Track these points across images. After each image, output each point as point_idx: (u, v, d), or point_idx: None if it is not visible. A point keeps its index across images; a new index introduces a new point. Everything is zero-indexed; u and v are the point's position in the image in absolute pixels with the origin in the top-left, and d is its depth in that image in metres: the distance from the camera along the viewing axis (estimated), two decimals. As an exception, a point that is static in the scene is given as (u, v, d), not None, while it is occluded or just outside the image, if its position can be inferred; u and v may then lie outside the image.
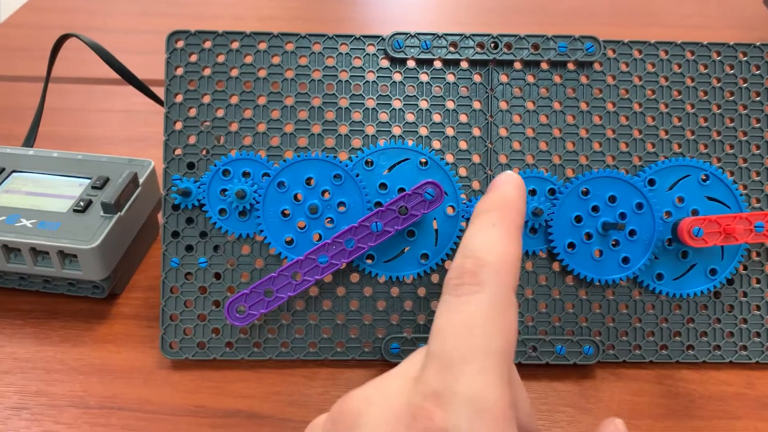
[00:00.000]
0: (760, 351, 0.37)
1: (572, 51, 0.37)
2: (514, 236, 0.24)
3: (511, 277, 0.22)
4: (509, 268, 0.22)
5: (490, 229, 0.23)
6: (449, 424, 0.19)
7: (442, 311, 0.21)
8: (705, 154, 0.37)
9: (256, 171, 0.36)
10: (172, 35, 0.36)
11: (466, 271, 0.22)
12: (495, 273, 0.22)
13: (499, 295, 0.21)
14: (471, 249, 0.23)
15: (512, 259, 0.23)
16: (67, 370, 0.36)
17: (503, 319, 0.21)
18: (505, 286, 0.22)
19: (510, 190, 0.25)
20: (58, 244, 0.37)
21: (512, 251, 0.23)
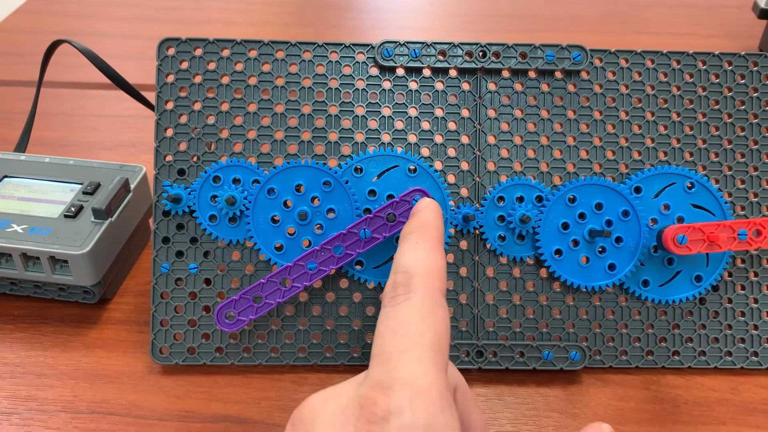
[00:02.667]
0: (745, 357, 0.38)
1: (559, 60, 0.37)
2: (435, 250, 0.27)
3: (438, 283, 0.25)
4: (435, 275, 0.25)
5: (415, 247, 0.27)
6: (392, 406, 0.20)
7: (381, 320, 0.24)
8: (690, 162, 0.38)
9: (246, 177, 0.36)
10: (163, 42, 0.37)
11: (398, 284, 0.25)
12: (422, 280, 0.25)
13: (428, 298, 0.24)
14: (401, 266, 0.26)
15: (437, 268, 0.26)
16: (57, 375, 0.36)
17: (433, 317, 0.24)
18: (432, 290, 0.25)
19: (427, 214, 0.29)
20: (49, 249, 0.37)
21: (436, 261, 0.26)
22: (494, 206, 0.37)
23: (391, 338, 0.23)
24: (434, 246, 0.27)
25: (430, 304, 0.24)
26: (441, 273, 0.26)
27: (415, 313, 0.23)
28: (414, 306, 0.24)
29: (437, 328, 0.23)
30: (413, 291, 0.24)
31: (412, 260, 0.26)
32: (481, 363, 0.37)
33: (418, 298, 0.24)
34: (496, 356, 0.37)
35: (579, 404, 0.36)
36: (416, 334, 0.23)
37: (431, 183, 0.37)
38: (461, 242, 0.37)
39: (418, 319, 0.23)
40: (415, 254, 0.26)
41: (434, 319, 0.23)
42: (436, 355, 0.22)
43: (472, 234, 0.37)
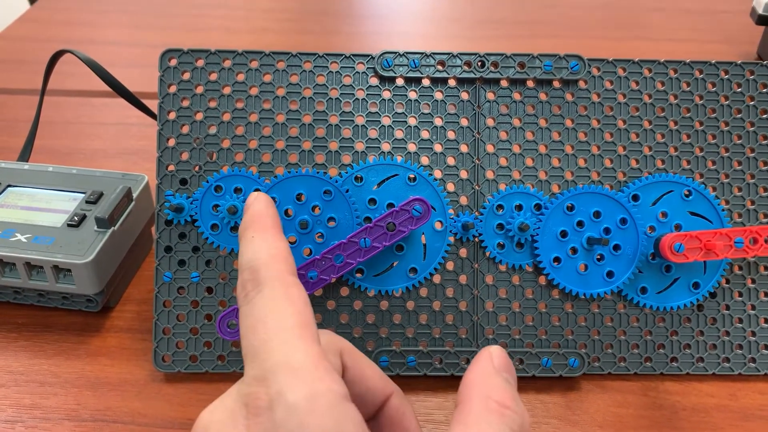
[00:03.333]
0: (743, 363, 0.38)
1: (557, 69, 0.38)
2: (273, 236, 0.26)
3: (283, 265, 0.25)
4: (278, 259, 0.25)
5: (252, 242, 0.26)
6: (272, 392, 0.20)
7: (241, 321, 0.24)
8: (688, 169, 0.38)
9: (247, 187, 0.37)
10: (165, 53, 0.37)
11: (246, 281, 0.24)
12: (267, 269, 0.24)
13: (278, 282, 0.24)
14: (243, 263, 0.25)
15: (278, 252, 0.25)
16: (60, 383, 0.37)
17: (287, 299, 0.23)
18: (279, 273, 0.24)
19: (257, 206, 0.28)
20: (52, 258, 0.37)
21: (276, 246, 0.26)
22: (493, 214, 0.37)
23: (253, 334, 0.22)
24: (271, 233, 0.27)
25: (282, 286, 0.24)
26: (284, 255, 0.25)
27: (270, 304, 0.23)
28: (266, 296, 0.23)
29: (295, 307, 0.23)
30: (261, 282, 0.24)
31: (253, 254, 0.25)
32: (480, 370, 0.37)
33: (268, 288, 0.24)
34: (495, 363, 0.37)
35: (578, 411, 0.36)
36: (277, 323, 0.22)
37: (431, 191, 0.37)
38: (461, 250, 0.37)
39: (274, 308, 0.23)
40: (253, 248, 0.26)
41: (289, 301, 0.23)
42: (301, 331, 0.22)
43: (472, 242, 0.37)
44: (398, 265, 0.37)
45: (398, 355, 0.37)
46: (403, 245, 0.37)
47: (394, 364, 0.37)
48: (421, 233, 0.37)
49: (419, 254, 0.37)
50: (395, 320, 0.37)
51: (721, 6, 0.83)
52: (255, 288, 0.24)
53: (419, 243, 0.37)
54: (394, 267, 0.37)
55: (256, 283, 0.24)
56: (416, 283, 0.37)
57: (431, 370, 0.37)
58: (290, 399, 0.20)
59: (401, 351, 0.37)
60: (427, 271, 0.37)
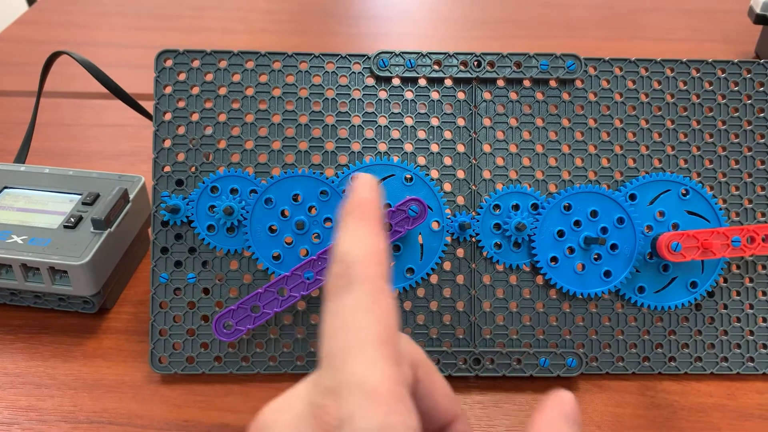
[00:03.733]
0: (741, 362, 0.38)
1: (554, 69, 0.37)
2: (373, 230, 0.25)
3: (379, 267, 0.24)
4: (374, 259, 0.24)
5: (351, 231, 0.25)
6: (343, 413, 0.20)
7: (324, 318, 0.23)
8: (685, 169, 0.38)
9: (243, 188, 0.37)
10: (161, 54, 0.37)
11: (337, 275, 0.23)
12: (362, 267, 0.23)
13: (369, 287, 0.23)
14: (338, 254, 0.24)
15: (376, 251, 0.24)
16: (57, 385, 0.36)
17: (377, 306, 0.22)
18: (373, 277, 0.23)
19: (362, 192, 0.26)
20: (49, 260, 0.37)
21: (374, 243, 0.24)
22: (490, 214, 0.37)
23: (335, 338, 0.22)
24: (372, 227, 0.25)
25: (373, 292, 0.23)
26: (381, 255, 0.24)
27: (359, 306, 0.22)
28: (356, 298, 0.23)
29: (383, 319, 0.22)
30: (353, 281, 0.23)
31: (350, 245, 0.24)
32: (478, 370, 0.37)
33: (358, 289, 0.23)
34: (493, 363, 0.37)
35: (576, 411, 0.36)
36: (362, 330, 0.22)
37: (427, 191, 0.37)
38: (458, 250, 0.37)
39: (362, 312, 0.22)
40: (351, 239, 0.24)
41: (378, 310, 0.22)
42: (384, 348, 0.21)
43: (469, 242, 0.37)
44: (395, 266, 0.37)
45: (395, 356, 0.37)
46: (400, 245, 0.37)
47: (392, 365, 0.37)
48: (418, 233, 0.37)
49: (416, 254, 0.37)
50: (392, 321, 0.37)
51: (719, 5, 0.83)
52: (346, 286, 0.23)
53: (416, 243, 0.37)
54: (391, 267, 0.37)
55: (348, 281, 0.23)
56: (413, 284, 0.37)
57: (428, 371, 0.37)
58: (361, 427, 0.19)
59: (398, 351, 0.37)
60: (424, 272, 0.37)
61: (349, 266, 0.23)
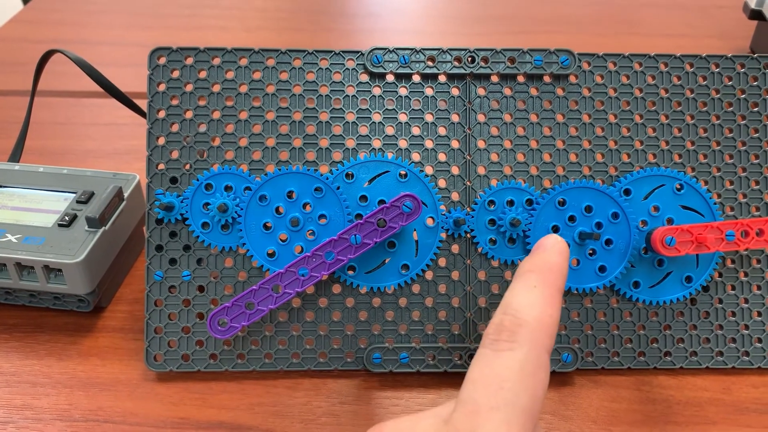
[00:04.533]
0: (736, 356, 0.38)
1: (548, 64, 0.37)
2: (554, 299, 0.25)
3: (547, 339, 0.23)
4: (546, 330, 0.23)
5: (531, 290, 0.25)
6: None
7: (476, 363, 0.23)
8: (679, 163, 0.38)
9: (238, 185, 0.37)
10: (154, 52, 0.37)
11: (504, 328, 0.23)
12: (531, 332, 0.23)
13: (533, 355, 0.23)
14: (512, 307, 0.24)
15: (550, 321, 0.24)
16: (52, 384, 0.36)
17: (533, 377, 0.22)
18: (540, 347, 0.23)
19: (554, 255, 0.26)
20: (43, 258, 0.37)
21: (551, 313, 0.24)
22: (485, 210, 0.37)
23: (484, 389, 0.21)
24: (554, 294, 0.25)
25: (534, 362, 0.22)
26: (554, 328, 0.24)
27: (516, 369, 0.22)
28: (516, 360, 0.22)
29: (535, 391, 0.22)
30: (519, 342, 0.23)
31: (525, 305, 0.24)
32: (473, 366, 0.37)
33: (522, 352, 0.22)
34: (488, 359, 0.37)
35: (571, 406, 0.36)
36: (511, 392, 0.21)
37: (422, 187, 0.37)
38: (453, 246, 0.37)
39: (518, 377, 0.22)
40: (529, 298, 0.24)
41: (534, 381, 0.22)
42: (526, 421, 0.21)
43: (464, 238, 0.37)
44: (390, 262, 0.37)
45: (391, 352, 0.37)
46: (395, 242, 0.37)
47: (387, 361, 0.37)
48: (413, 230, 0.37)
49: (411, 251, 0.37)
50: (388, 317, 0.37)
51: (714, 1, 0.83)
52: (510, 341, 0.22)
53: (411, 239, 0.37)
54: (386, 264, 0.37)
55: (513, 338, 0.23)
56: (408, 280, 0.37)
57: (424, 367, 0.37)
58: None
59: (394, 348, 0.37)
60: (419, 268, 0.37)
61: (519, 324, 0.23)
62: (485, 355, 0.23)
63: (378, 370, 0.37)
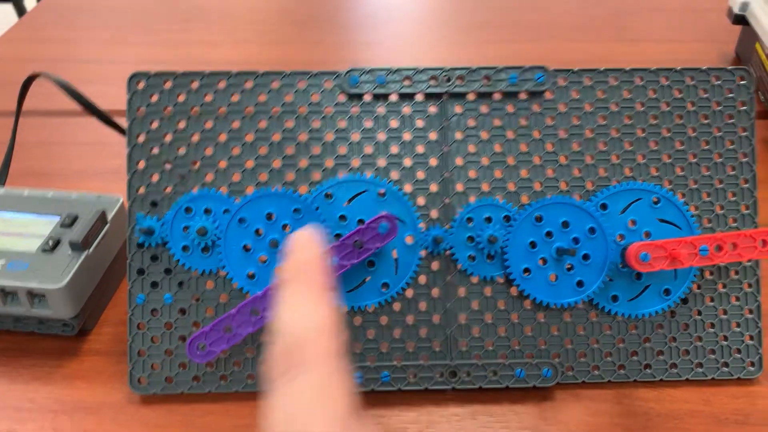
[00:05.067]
0: (716, 368, 0.38)
1: (523, 81, 0.38)
2: (321, 297, 0.23)
3: (333, 342, 0.22)
4: (329, 334, 0.22)
5: (297, 303, 0.23)
6: None
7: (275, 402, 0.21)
8: (656, 177, 0.38)
9: (217, 207, 0.37)
10: (133, 77, 0.37)
11: (286, 355, 0.22)
12: (315, 345, 0.22)
13: (326, 369, 0.22)
14: (284, 328, 0.23)
15: (329, 323, 0.23)
16: (37, 409, 0.37)
17: (332, 388, 0.21)
18: (329, 355, 0.22)
19: (303, 252, 0.25)
20: (26, 285, 0.37)
21: (326, 314, 0.23)
22: (463, 227, 0.37)
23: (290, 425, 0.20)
24: (319, 293, 0.24)
25: (330, 375, 0.21)
26: (334, 327, 0.23)
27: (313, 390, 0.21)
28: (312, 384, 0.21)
29: (340, 399, 0.21)
30: (306, 362, 0.21)
31: (297, 320, 0.23)
32: (455, 383, 0.37)
33: (314, 373, 0.21)
34: (469, 376, 0.37)
35: (552, 420, 0.36)
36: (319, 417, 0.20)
37: (401, 206, 0.37)
38: (432, 263, 0.38)
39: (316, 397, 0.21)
40: (299, 312, 0.23)
41: (335, 390, 0.21)
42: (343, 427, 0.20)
43: (443, 255, 0.38)
44: (370, 281, 0.37)
45: (372, 371, 0.37)
46: (374, 261, 0.37)
47: (369, 380, 0.37)
48: (393, 248, 0.37)
49: (391, 269, 0.37)
50: (369, 336, 0.37)
51: (700, 5, 0.83)
52: (298, 368, 0.21)
53: (390, 258, 0.37)
54: (366, 282, 0.37)
55: (300, 362, 0.21)
56: (389, 298, 0.37)
57: (405, 385, 0.37)
58: None
59: (375, 366, 0.37)
60: (399, 286, 0.37)
61: (299, 344, 0.22)
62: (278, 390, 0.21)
63: (360, 389, 0.37)
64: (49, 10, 0.83)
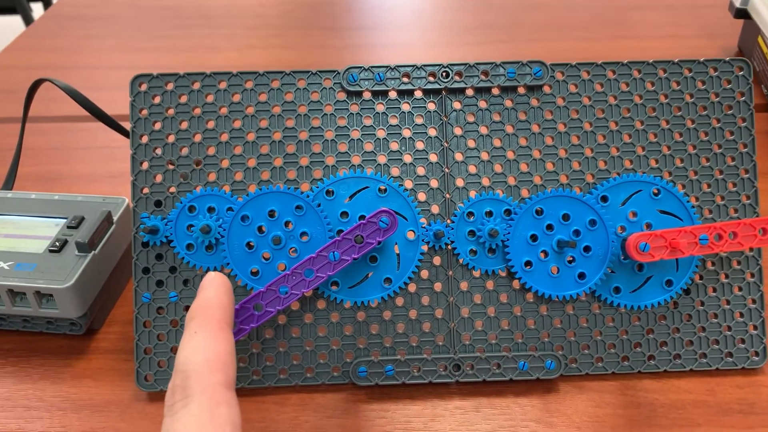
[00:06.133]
0: (720, 358, 0.38)
1: (521, 76, 0.38)
2: (218, 334, 0.24)
3: (219, 376, 0.23)
4: (216, 367, 0.23)
5: (193, 338, 0.24)
6: None
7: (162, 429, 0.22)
8: (656, 168, 0.38)
9: (220, 206, 0.37)
10: (136, 79, 0.38)
11: (176, 388, 0.23)
12: (200, 378, 0.23)
13: (206, 399, 0.22)
14: (178, 364, 0.23)
15: (218, 357, 0.24)
16: (46, 407, 0.37)
17: (215, 419, 0.22)
18: (212, 386, 0.23)
19: (209, 292, 0.26)
20: (34, 285, 0.38)
21: (216, 349, 0.24)
22: (464, 221, 0.38)
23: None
24: (216, 330, 0.25)
25: (210, 404, 0.22)
26: (222, 362, 0.24)
27: (193, 422, 0.21)
28: (192, 414, 0.22)
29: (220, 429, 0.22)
30: (191, 395, 0.22)
31: (189, 355, 0.23)
32: (458, 376, 0.37)
33: (196, 403, 0.22)
34: (473, 369, 0.37)
35: (556, 413, 0.36)
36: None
37: (401, 202, 0.38)
38: (434, 258, 0.38)
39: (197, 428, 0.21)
40: (192, 347, 0.24)
41: (215, 422, 0.22)
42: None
43: (445, 250, 0.38)
44: (373, 276, 0.37)
45: (376, 365, 0.37)
46: (376, 256, 0.37)
47: (373, 374, 0.37)
48: (394, 243, 0.37)
49: (393, 264, 0.37)
50: (372, 331, 0.38)
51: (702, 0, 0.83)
52: (182, 400, 0.22)
53: (393, 253, 0.37)
54: (369, 278, 0.37)
55: (185, 395, 0.22)
56: (391, 293, 0.37)
57: (409, 379, 0.37)
58: None
59: (379, 361, 0.37)
60: (401, 281, 0.37)
61: (187, 378, 0.23)
62: (166, 424, 0.22)
63: (364, 383, 0.37)
64: (54, 19, 0.84)
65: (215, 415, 0.22)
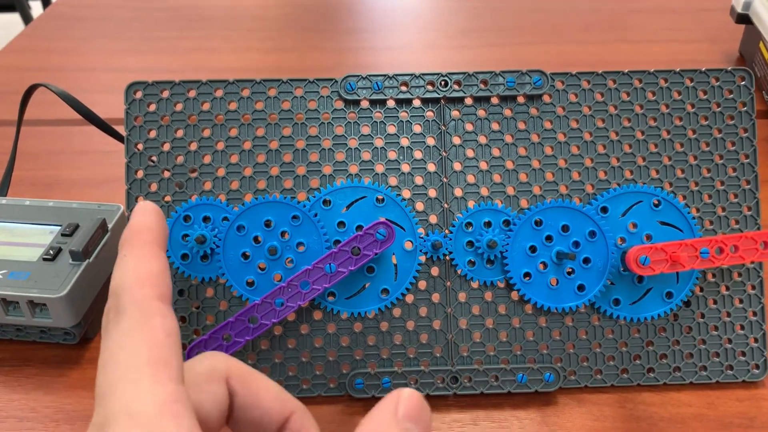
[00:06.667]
0: (720, 371, 0.38)
1: (520, 85, 0.38)
2: (147, 254, 0.24)
3: (149, 289, 0.22)
4: (144, 283, 0.22)
5: (123, 260, 0.24)
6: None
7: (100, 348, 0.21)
8: (657, 179, 0.38)
9: (216, 215, 0.37)
10: (131, 86, 0.37)
11: (109, 310, 0.22)
12: (131, 294, 0.22)
13: (138, 312, 0.22)
14: (110, 289, 0.23)
15: (146, 274, 0.23)
16: (39, 418, 0.37)
17: (146, 328, 0.21)
18: (143, 299, 0.22)
19: (136, 218, 0.25)
20: (27, 294, 0.37)
21: (146, 267, 0.23)
22: (463, 232, 0.37)
23: (104, 373, 0.20)
24: (145, 251, 0.24)
25: (140, 316, 0.21)
26: (153, 278, 0.23)
27: (124, 336, 0.21)
28: (123, 328, 0.21)
29: (153, 339, 0.21)
30: (121, 311, 0.21)
31: (119, 276, 0.23)
32: (456, 389, 0.37)
33: (126, 317, 0.21)
34: (471, 381, 0.37)
35: (554, 426, 0.36)
36: (128, 356, 0.20)
37: (399, 212, 0.37)
38: (432, 269, 0.37)
39: (128, 341, 0.21)
40: (122, 269, 0.23)
41: (147, 330, 0.21)
42: (155, 369, 0.20)
43: (443, 260, 0.37)
44: (370, 287, 0.37)
45: (373, 377, 0.37)
46: (373, 267, 0.37)
47: (370, 386, 0.37)
48: (392, 254, 0.37)
49: (390, 275, 0.37)
50: (369, 342, 0.37)
51: (704, 4, 0.83)
52: (115, 317, 0.21)
53: (390, 264, 0.37)
54: (366, 289, 0.37)
55: (117, 312, 0.22)
56: (389, 304, 0.37)
57: (406, 391, 0.37)
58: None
59: (376, 373, 0.37)
60: (399, 292, 0.37)
61: (118, 296, 0.22)
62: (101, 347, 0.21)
63: (361, 395, 0.37)
64: (51, 20, 0.83)
65: (149, 325, 0.21)
